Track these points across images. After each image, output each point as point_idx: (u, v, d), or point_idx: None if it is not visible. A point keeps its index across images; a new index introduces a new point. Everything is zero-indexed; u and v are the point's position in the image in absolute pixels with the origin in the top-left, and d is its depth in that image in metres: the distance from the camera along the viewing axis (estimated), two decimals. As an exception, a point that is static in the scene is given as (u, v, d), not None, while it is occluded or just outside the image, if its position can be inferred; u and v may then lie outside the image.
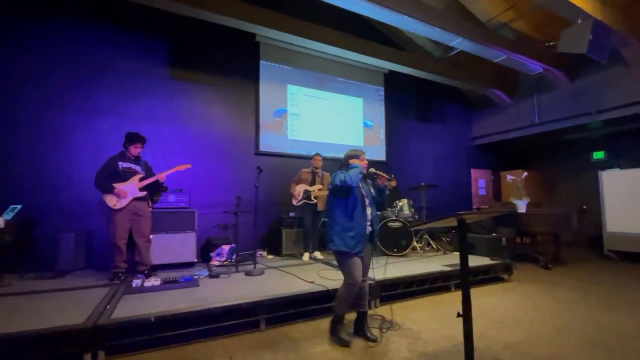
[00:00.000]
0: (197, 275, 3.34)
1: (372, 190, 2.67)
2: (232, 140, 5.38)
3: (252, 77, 5.59)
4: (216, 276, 3.46)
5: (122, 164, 3.54)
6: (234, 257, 4.40)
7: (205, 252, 4.45)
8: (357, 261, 2.37)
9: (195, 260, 4.10)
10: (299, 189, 4.63)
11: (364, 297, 2.58)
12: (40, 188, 4.06)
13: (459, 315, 1.92)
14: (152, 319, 2.26)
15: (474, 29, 5.13)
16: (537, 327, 2.79)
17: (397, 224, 4.87)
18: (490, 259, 4.47)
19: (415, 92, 7.43)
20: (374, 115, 6.74)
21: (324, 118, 6.13)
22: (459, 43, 5.10)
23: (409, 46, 7.03)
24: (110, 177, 3.45)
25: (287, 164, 5.70)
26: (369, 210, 2.46)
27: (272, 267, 3.99)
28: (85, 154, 4.35)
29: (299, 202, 4.58)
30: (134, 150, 3.61)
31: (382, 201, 2.72)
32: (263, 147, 5.51)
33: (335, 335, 2.44)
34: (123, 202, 3.42)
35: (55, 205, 4.11)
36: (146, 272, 3.55)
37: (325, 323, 2.82)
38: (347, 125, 6.37)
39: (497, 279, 4.35)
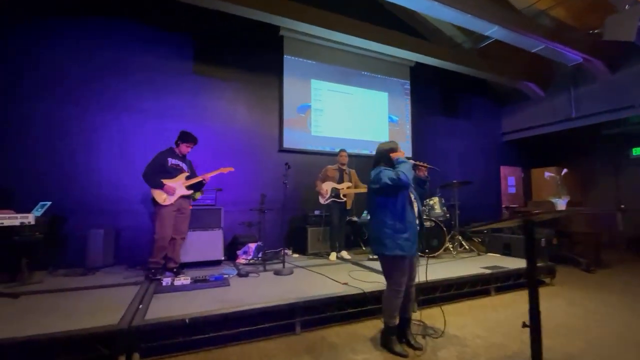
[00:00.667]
0: (226, 274, 3.25)
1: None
2: (255, 137, 5.29)
3: (276, 72, 5.48)
4: (245, 275, 3.36)
5: (171, 160, 3.51)
6: (259, 255, 4.31)
7: (231, 250, 4.37)
8: (406, 265, 2.20)
9: (223, 258, 4.02)
10: (326, 187, 4.48)
11: (411, 301, 2.40)
12: (68, 185, 4.07)
13: (524, 325, 1.73)
14: (187, 321, 2.16)
15: (512, 16, 4.83)
16: (595, 335, 2.55)
17: (428, 224, 4.65)
18: (530, 261, 4.20)
19: (441, 85, 7.15)
20: (399, 110, 6.51)
21: (348, 113, 5.95)
22: (495, 32, 4.82)
23: (436, 37, 6.74)
24: (159, 172, 3.42)
25: (311, 161, 5.56)
26: (416, 207, 2.28)
27: (300, 267, 3.86)
28: (113, 150, 4.34)
29: (327, 200, 4.43)
30: (185, 149, 3.60)
31: (423, 194, 2.52)
32: (287, 144, 5.39)
33: (389, 348, 2.25)
34: (172, 198, 3.38)
35: (83, 202, 4.11)
36: (175, 270, 3.49)
37: (362, 327, 2.67)
38: (371, 121, 6.17)
39: (538, 283, 4.08)
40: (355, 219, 5.28)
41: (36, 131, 3.99)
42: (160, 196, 3.36)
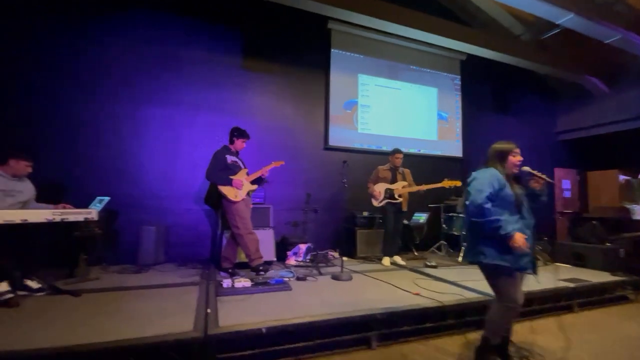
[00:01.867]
0: (286, 277, 3.05)
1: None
2: (300, 134, 5.10)
3: (323, 66, 5.27)
4: (303, 279, 3.16)
5: (229, 157, 3.41)
6: (308, 257, 4.12)
7: (279, 250, 4.19)
8: (518, 279, 1.90)
9: (275, 259, 3.84)
10: (379, 188, 4.21)
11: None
12: (118, 180, 4.02)
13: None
14: (264, 330, 1.97)
15: (588, 3, 4.36)
16: None
17: (489, 228, 4.29)
18: (611, 274, 3.76)
19: (493, 81, 6.67)
20: (449, 107, 6.13)
21: (396, 110, 5.65)
22: (569, 20, 4.36)
23: (489, 29, 6.29)
24: (221, 170, 3.32)
25: (357, 160, 5.29)
26: (527, 218, 1.96)
27: (357, 272, 3.61)
28: (162, 146, 4.28)
29: (381, 202, 4.16)
30: (240, 144, 3.50)
31: (536, 210, 2.18)
32: (332, 141, 5.16)
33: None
34: (241, 195, 3.28)
35: (133, 197, 4.05)
36: (230, 270, 3.34)
37: (443, 343, 2.39)
38: (420, 118, 5.84)
39: (620, 299, 3.64)
40: (405, 222, 4.97)
41: (87, 126, 3.96)
42: (230, 192, 3.24)
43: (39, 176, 3.54)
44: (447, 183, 4.03)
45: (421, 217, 4.90)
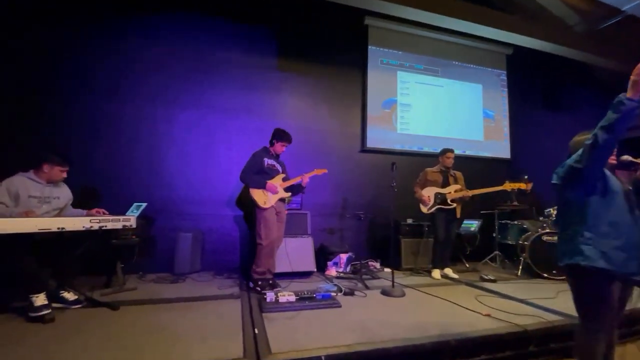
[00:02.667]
0: (333, 292, 2.76)
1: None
2: (336, 136, 4.83)
3: (359, 64, 4.99)
4: (350, 293, 2.86)
5: (267, 161, 3.21)
6: (348, 267, 3.82)
7: (319, 260, 3.91)
8: (613, 291, 1.52)
9: (314, 269, 3.57)
10: (428, 193, 3.84)
11: (612, 348, 1.70)
12: (153, 185, 3.91)
13: None
14: (323, 359, 1.69)
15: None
16: None
17: (556, 238, 3.80)
18: None
19: (543, 75, 6.14)
20: (495, 104, 5.66)
21: (438, 108, 5.26)
22: (635, 7, 3.85)
23: (537, 20, 5.78)
24: (256, 173, 3.14)
25: (397, 162, 4.95)
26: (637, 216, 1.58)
27: (408, 287, 3.26)
28: (197, 150, 4.14)
29: (431, 208, 3.78)
30: (280, 148, 3.28)
31: None
32: (370, 143, 4.85)
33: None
34: (272, 201, 3.06)
35: (167, 203, 3.93)
36: (271, 281, 3.10)
37: (529, 379, 2.00)
38: (464, 116, 5.41)
39: None
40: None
41: (121, 130, 3.89)
42: (260, 198, 3.03)
43: (72, 180, 3.50)
44: (509, 185, 3.61)
45: (472, 225, 4.46)
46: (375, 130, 4.89)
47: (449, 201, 3.74)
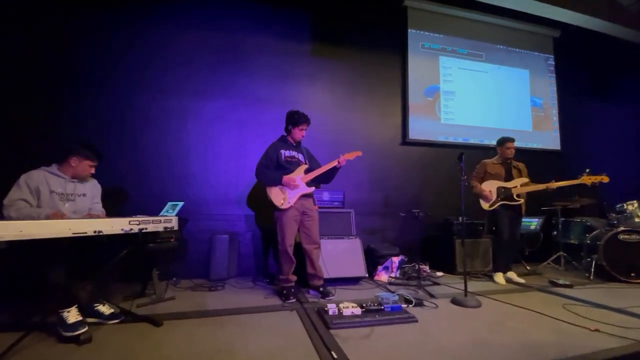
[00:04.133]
0: (404, 305, 2.38)
1: None
2: (374, 127, 4.44)
3: (399, 49, 4.59)
4: (420, 304, 2.48)
5: (284, 152, 2.81)
6: (398, 272, 3.44)
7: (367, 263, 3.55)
8: None
9: (366, 274, 3.20)
10: (489, 187, 3.43)
11: None
12: (183, 183, 3.60)
13: None
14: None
15: None
16: None
17: (634, 237, 3.36)
18: None
19: (592, 61, 5.63)
20: (543, 91, 5.20)
21: (484, 96, 4.83)
22: None
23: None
24: (272, 169, 2.77)
25: (442, 155, 4.57)
26: None
27: (477, 294, 2.86)
28: (230, 145, 3.81)
29: (493, 204, 3.38)
30: (298, 133, 2.87)
31: None
32: (412, 135, 4.45)
33: None
34: (291, 199, 2.69)
35: (199, 202, 3.60)
36: (322, 288, 2.74)
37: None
38: (511, 105, 4.97)
39: None
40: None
41: (149, 124, 3.57)
42: (277, 197, 2.69)
43: (99, 177, 3.21)
44: (588, 179, 3.18)
45: (533, 223, 4.04)
46: (418, 120, 4.49)
47: (514, 196, 3.33)
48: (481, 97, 4.81)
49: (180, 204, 2.75)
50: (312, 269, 2.78)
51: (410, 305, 2.40)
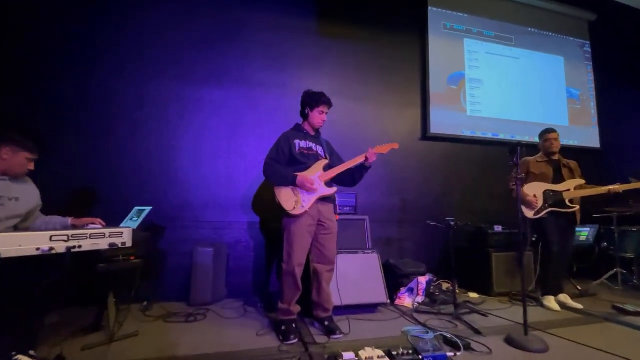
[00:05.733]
0: (447, 349, 1.73)
1: None
2: (390, 119, 3.80)
3: (418, 29, 3.97)
4: (466, 347, 1.82)
5: (298, 143, 2.19)
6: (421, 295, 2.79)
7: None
8: None
9: (387, 300, 2.53)
10: (533, 191, 2.79)
11: None
12: (161, 184, 2.95)
13: None
14: None
15: None
16: None
17: None
18: None
19: (631, 48, 5.01)
20: (580, 82, 4.56)
21: (514, 85, 4.20)
22: None
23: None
24: (284, 164, 2.15)
25: (468, 153, 3.94)
26: None
27: (534, 328, 2.20)
28: (220, 139, 3.17)
29: (540, 212, 2.72)
30: (317, 118, 2.25)
31: None
32: (434, 129, 3.81)
33: None
34: (305, 203, 2.04)
35: (180, 207, 2.96)
36: (327, 322, 2.09)
37: None
38: (545, 96, 4.33)
39: None
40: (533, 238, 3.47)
41: (122, 114, 2.93)
42: (288, 199, 2.05)
43: (58, 177, 2.58)
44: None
45: (583, 234, 3.38)
46: (441, 112, 3.85)
47: (566, 202, 2.68)
48: (512, 87, 4.18)
49: (147, 209, 2.11)
50: (317, 296, 2.13)
51: (457, 354, 1.74)
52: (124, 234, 1.53)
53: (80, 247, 1.40)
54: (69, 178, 2.69)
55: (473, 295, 3.07)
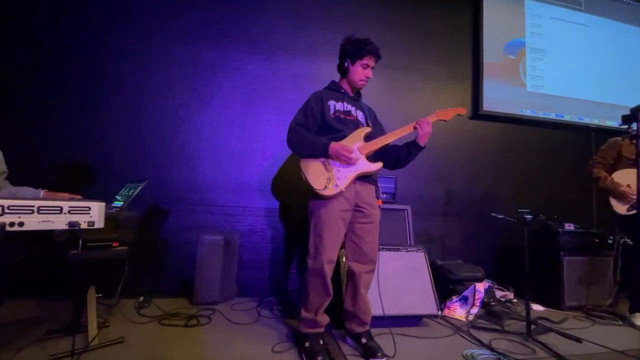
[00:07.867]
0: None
1: None
2: (434, 93, 3.24)
3: (471, -12, 3.36)
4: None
5: (334, 105, 1.67)
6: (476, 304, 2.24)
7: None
8: None
9: (437, 312, 2.00)
10: (627, 179, 2.18)
11: None
12: (165, 161, 2.52)
13: None
14: None
15: None
16: None
17: None
18: None
19: None
20: (662, 56, 3.82)
21: (583, 58, 3.52)
22: None
23: None
24: (314, 131, 1.64)
25: (527, 135, 3.33)
26: None
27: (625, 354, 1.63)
28: (233, 110, 2.69)
29: (632, 207, 2.12)
30: (360, 73, 1.71)
31: None
32: (488, 106, 3.21)
33: None
34: (341, 181, 1.53)
35: (186, 189, 2.52)
36: (364, 339, 1.59)
37: None
38: (618, 71, 3.63)
39: None
40: (629, 240, 2.81)
41: (124, 82, 2.48)
42: (317, 176, 1.55)
43: (46, 149, 2.20)
44: None
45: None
46: (496, 85, 3.24)
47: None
48: (580, 59, 3.51)
49: (141, 185, 1.65)
50: (352, 304, 1.63)
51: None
52: (91, 211, 1.08)
53: (21, 224, 0.95)
54: (67, 155, 2.30)
55: (537, 307, 2.50)
